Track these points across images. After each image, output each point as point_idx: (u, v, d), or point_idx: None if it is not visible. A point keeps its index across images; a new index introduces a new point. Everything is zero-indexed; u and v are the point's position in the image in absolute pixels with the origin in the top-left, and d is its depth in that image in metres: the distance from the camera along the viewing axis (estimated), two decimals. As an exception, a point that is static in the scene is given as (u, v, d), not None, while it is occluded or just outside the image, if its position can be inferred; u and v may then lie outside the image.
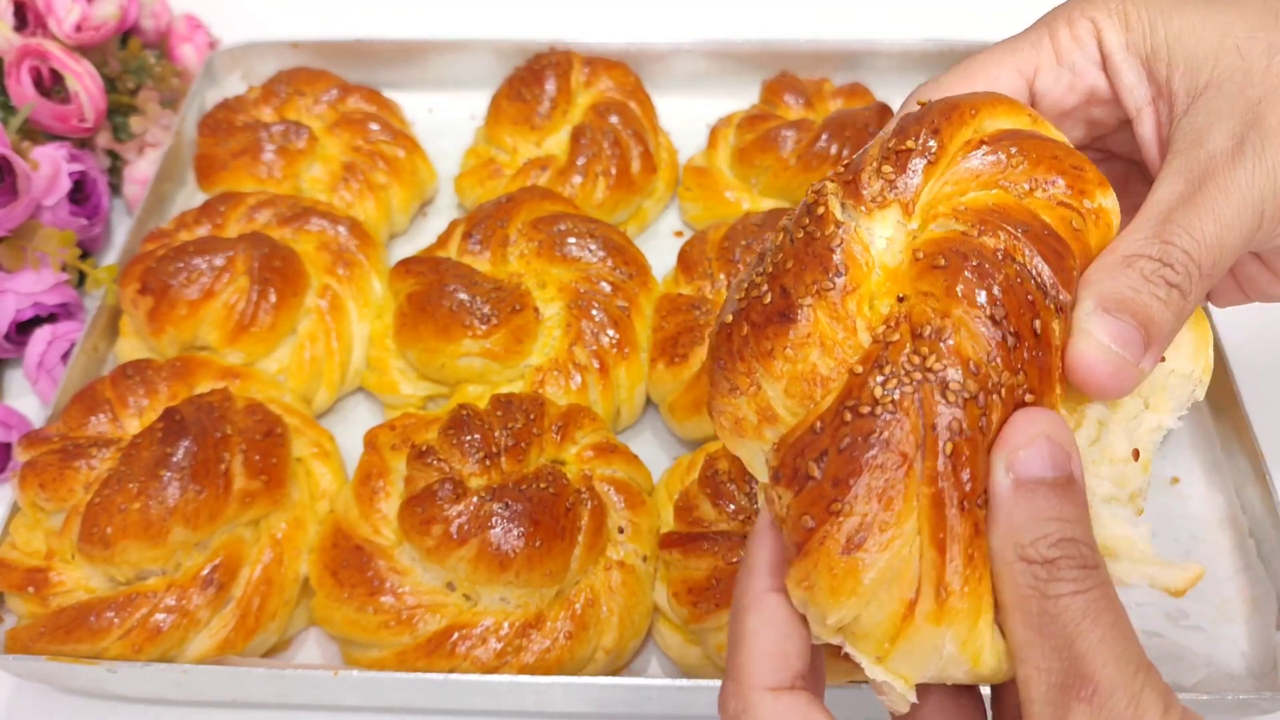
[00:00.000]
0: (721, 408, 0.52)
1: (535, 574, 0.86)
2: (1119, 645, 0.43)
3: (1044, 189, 0.51)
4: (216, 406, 0.94)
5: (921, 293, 0.48)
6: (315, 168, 1.23)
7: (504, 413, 0.93)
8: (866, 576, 0.46)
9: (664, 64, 1.37)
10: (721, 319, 0.53)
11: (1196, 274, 0.50)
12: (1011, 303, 0.47)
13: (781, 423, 0.50)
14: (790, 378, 0.49)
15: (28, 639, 0.86)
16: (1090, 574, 0.45)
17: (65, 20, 1.22)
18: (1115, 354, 0.48)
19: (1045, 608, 0.44)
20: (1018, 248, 0.49)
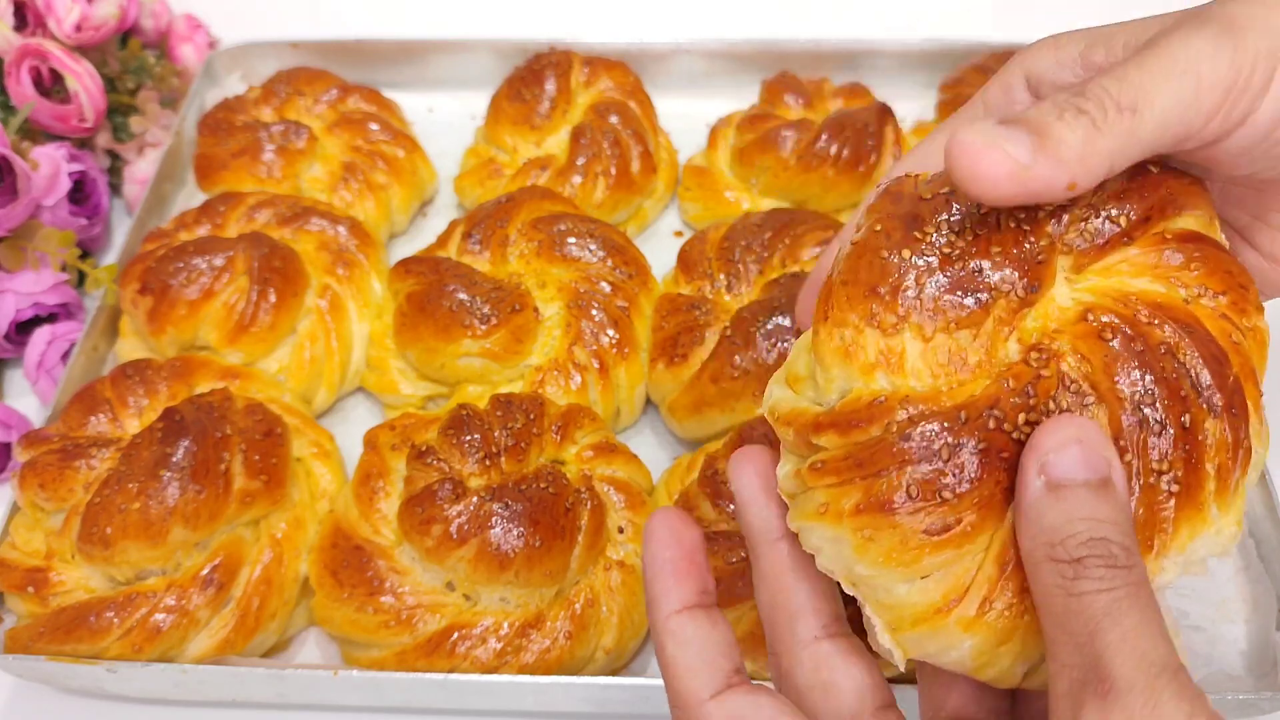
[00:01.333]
0: (842, 320, 0.50)
1: (535, 574, 0.86)
2: (1142, 645, 0.42)
3: (1210, 298, 0.52)
4: (216, 406, 0.94)
5: (1079, 354, 0.49)
6: (315, 168, 1.23)
7: (504, 413, 0.93)
8: (930, 561, 0.47)
9: (664, 64, 1.37)
10: (891, 241, 0.51)
11: (1112, 106, 0.48)
12: (1164, 392, 0.49)
13: (900, 375, 0.49)
14: (938, 347, 0.49)
15: (27, 639, 0.86)
16: (1120, 573, 0.44)
17: (65, 20, 1.22)
18: (997, 146, 0.46)
19: (1069, 605, 0.44)
20: (1181, 347, 0.50)
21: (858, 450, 0.48)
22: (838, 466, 0.48)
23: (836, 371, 0.50)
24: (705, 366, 0.99)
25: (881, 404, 0.48)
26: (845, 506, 0.48)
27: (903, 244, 0.50)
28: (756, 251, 1.06)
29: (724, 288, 1.06)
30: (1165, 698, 0.41)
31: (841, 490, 0.48)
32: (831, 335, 0.50)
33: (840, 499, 0.48)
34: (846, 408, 0.49)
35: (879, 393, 0.48)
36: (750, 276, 1.05)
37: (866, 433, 0.48)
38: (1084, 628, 0.43)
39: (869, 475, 0.47)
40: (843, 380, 0.50)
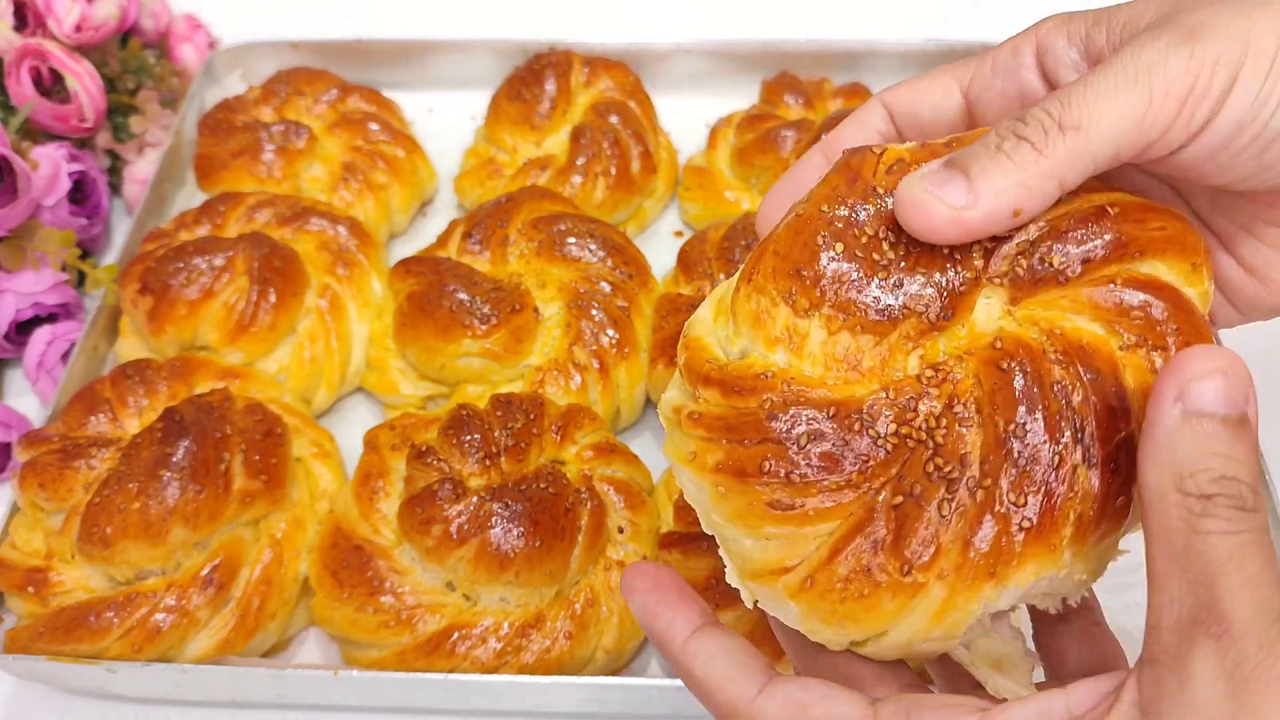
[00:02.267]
0: (762, 288, 0.52)
1: (535, 574, 0.86)
2: (1263, 591, 0.42)
3: (1149, 352, 0.51)
4: (216, 406, 0.94)
5: (976, 377, 0.50)
6: (315, 167, 1.23)
7: (504, 413, 0.93)
8: (772, 530, 0.50)
9: (664, 64, 1.37)
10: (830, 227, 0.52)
11: (1054, 128, 0.48)
12: (1040, 432, 0.49)
13: (796, 358, 0.51)
14: (840, 342, 0.51)
15: (27, 639, 0.86)
16: (1247, 517, 0.43)
17: (65, 20, 1.22)
18: (931, 196, 0.49)
19: (1192, 542, 0.43)
20: (1078, 391, 0.50)
21: (731, 414, 0.50)
22: (710, 423, 0.51)
23: (745, 330, 0.52)
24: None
25: (766, 379, 0.50)
26: (708, 461, 0.50)
27: (839, 236, 0.52)
28: (756, 251, 1.06)
29: (724, 288, 1.06)
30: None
31: (708, 445, 0.51)
32: (749, 298, 0.53)
33: (706, 453, 0.51)
34: (735, 371, 0.51)
35: (769, 366, 0.51)
36: (750, 276, 1.05)
37: (744, 401, 0.50)
38: (1204, 568, 0.42)
39: (733, 441, 0.50)
40: (748, 340, 0.52)
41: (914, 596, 0.49)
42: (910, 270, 0.52)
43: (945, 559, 0.48)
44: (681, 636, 0.53)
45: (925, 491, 0.48)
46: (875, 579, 0.48)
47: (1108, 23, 0.56)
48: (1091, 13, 0.58)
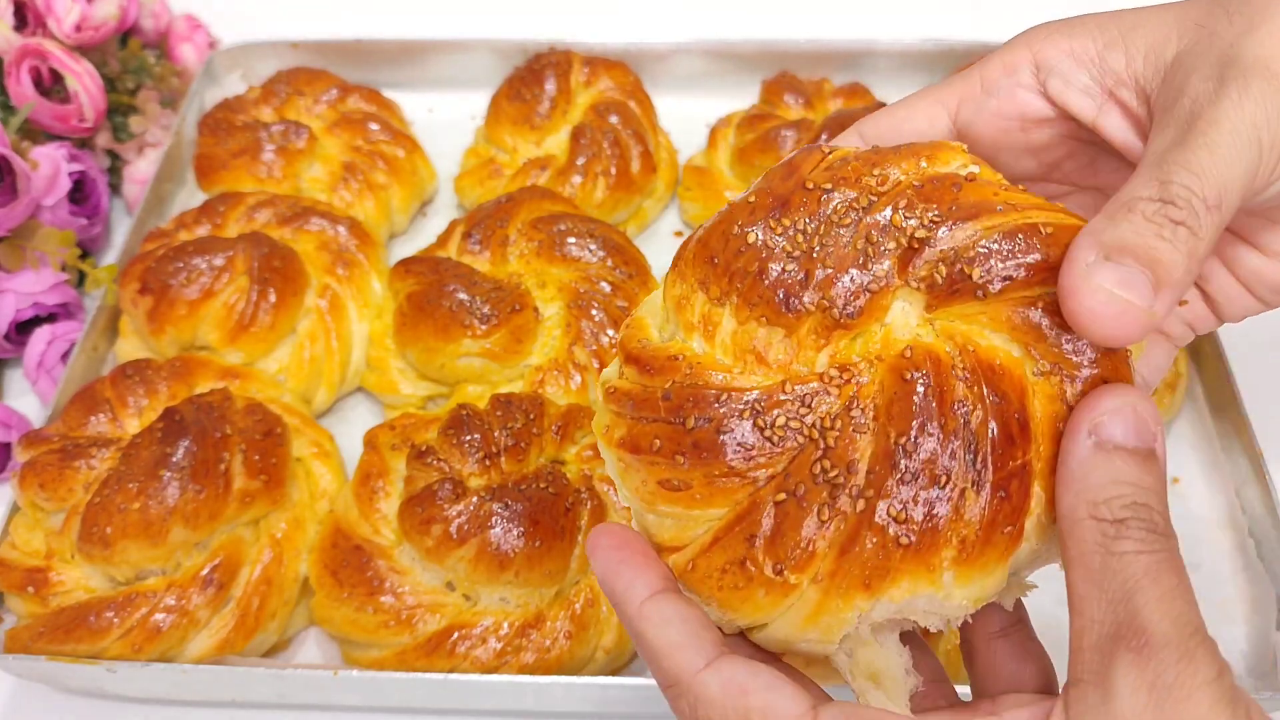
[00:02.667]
0: (685, 275, 0.53)
1: (535, 574, 0.86)
2: (1178, 606, 0.43)
3: (1062, 380, 0.50)
4: (216, 406, 0.94)
5: (881, 384, 0.50)
6: (315, 167, 1.23)
7: (504, 413, 0.93)
8: (664, 508, 0.51)
9: (664, 64, 1.37)
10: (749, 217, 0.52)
11: (1202, 208, 0.48)
12: (931, 449, 0.48)
13: (710, 345, 0.52)
14: (750, 334, 0.51)
15: (27, 639, 0.86)
16: (1159, 539, 0.44)
17: (65, 20, 1.22)
18: (1120, 298, 0.46)
19: (1109, 563, 0.44)
20: (977, 413, 0.49)
21: (638, 391, 0.52)
22: (620, 398, 0.52)
23: (672, 316, 0.53)
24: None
25: (675, 361, 0.51)
26: (614, 435, 0.52)
27: (759, 224, 0.52)
28: (756, 251, 1.06)
29: (724, 288, 1.06)
30: (1199, 655, 0.42)
31: (617, 420, 0.52)
32: (674, 284, 0.54)
33: (615, 427, 0.52)
34: (652, 350, 0.53)
35: (683, 350, 0.52)
36: (750, 276, 1.05)
37: (652, 380, 0.51)
38: (1122, 585, 0.43)
39: (635, 417, 0.51)
40: (673, 326, 0.53)
41: (786, 596, 0.49)
42: (822, 263, 0.51)
43: (820, 563, 0.48)
44: (639, 599, 0.52)
45: (808, 493, 0.48)
46: (748, 572, 0.49)
47: (1125, 48, 0.55)
48: (1090, 28, 0.56)
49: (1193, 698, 0.41)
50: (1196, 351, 1.08)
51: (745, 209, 0.53)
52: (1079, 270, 0.47)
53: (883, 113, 0.62)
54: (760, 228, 0.52)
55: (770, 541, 0.48)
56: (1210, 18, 0.53)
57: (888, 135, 0.60)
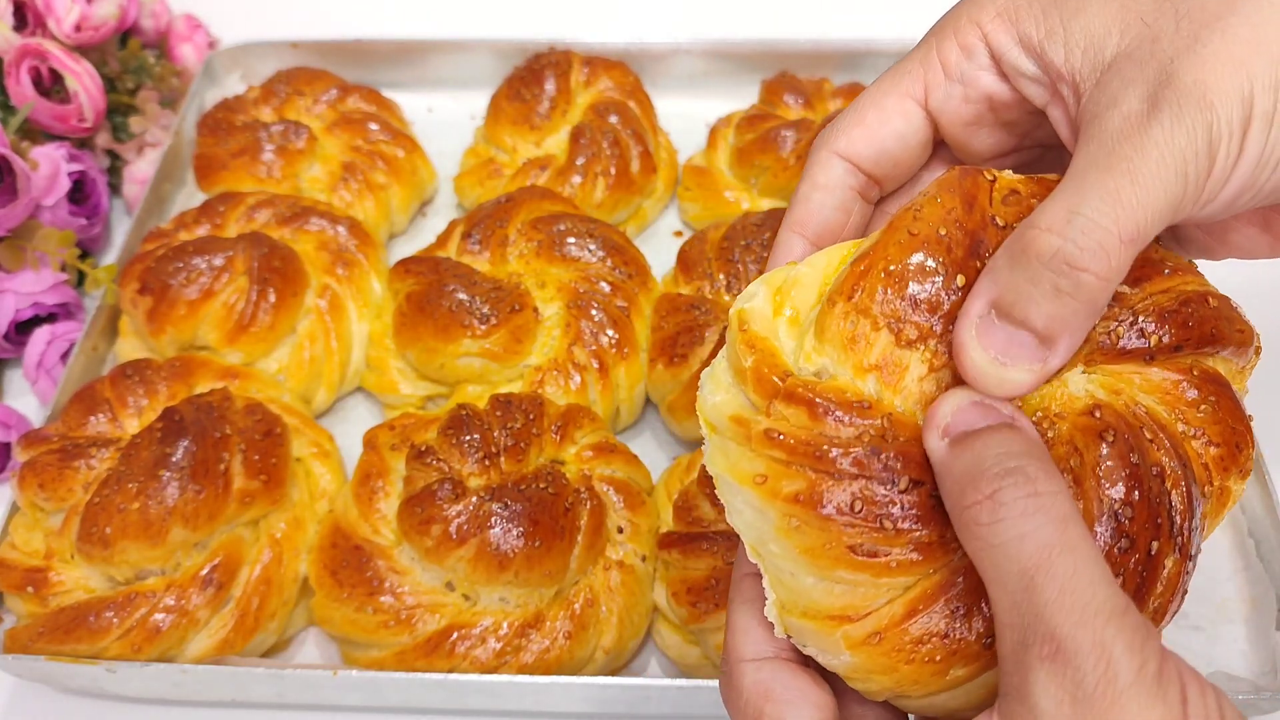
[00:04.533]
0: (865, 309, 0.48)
1: (534, 574, 0.86)
2: (1083, 594, 0.40)
3: (1202, 444, 0.50)
4: (216, 406, 0.94)
5: (1074, 446, 0.47)
6: (315, 167, 1.23)
7: (503, 413, 0.93)
8: (844, 574, 0.46)
9: (664, 64, 1.37)
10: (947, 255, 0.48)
11: (1114, 244, 0.45)
12: (1141, 514, 0.47)
13: (890, 391, 0.48)
14: (938, 380, 0.48)
15: (27, 639, 0.86)
16: (1041, 503, 0.41)
17: (65, 20, 1.22)
18: (1003, 366, 0.46)
19: (995, 559, 0.42)
20: (1174, 478, 0.48)
21: (820, 441, 0.46)
22: (793, 447, 0.46)
23: (831, 351, 0.48)
24: (705, 366, 0.99)
25: (865, 408, 0.46)
26: (784, 489, 0.46)
27: (959, 267, 0.48)
28: (756, 251, 1.06)
29: (724, 288, 1.06)
30: (1116, 652, 0.39)
31: (786, 470, 0.46)
32: (847, 318, 0.48)
33: (781, 478, 0.46)
34: (830, 390, 0.47)
35: (863, 395, 0.47)
36: (750, 276, 1.05)
37: (838, 429, 0.46)
38: (1017, 582, 0.41)
39: (821, 471, 0.45)
40: (831, 361, 0.48)
41: (989, 668, 0.46)
42: None
43: None
44: (745, 570, 0.52)
45: None
46: (951, 646, 0.46)
47: (1064, 38, 0.52)
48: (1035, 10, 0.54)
49: (1118, 703, 0.39)
50: (1196, 351, 1.08)
51: (940, 245, 0.48)
52: (968, 326, 0.47)
53: (852, 123, 0.59)
54: (966, 272, 0.48)
55: (976, 611, 0.46)
56: (1157, 17, 0.50)
57: (869, 148, 0.58)
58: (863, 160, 0.58)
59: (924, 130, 0.59)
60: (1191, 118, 0.46)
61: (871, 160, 0.58)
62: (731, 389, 0.49)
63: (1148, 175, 0.46)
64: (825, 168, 0.58)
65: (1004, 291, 0.46)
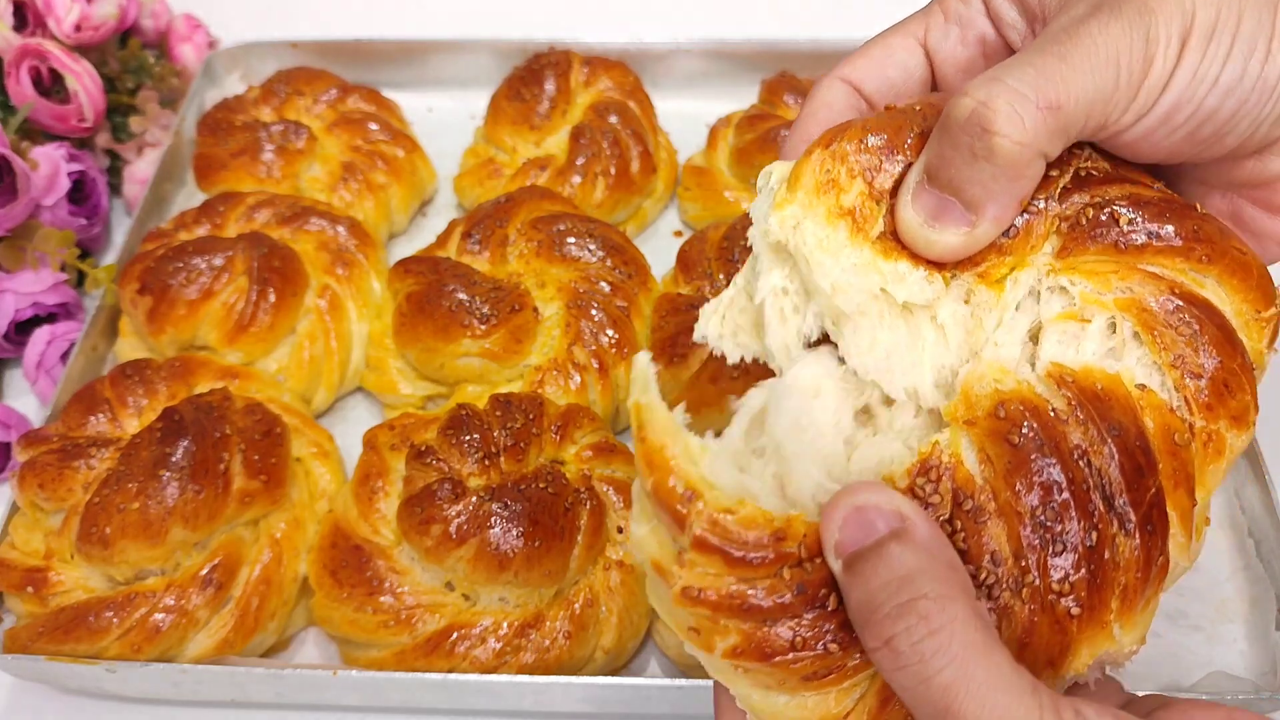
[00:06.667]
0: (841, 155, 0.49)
1: (534, 574, 0.86)
2: (998, 703, 0.40)
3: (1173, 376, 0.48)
4: (215, 406, 0.94)
5: (984, 454, 0.47)
6: (314, 167, 1.23)
7: (503, 413, 0.93)
8: (808, 694, 0.45)
9: (664, 64, 1.37)
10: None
11: (1031, 110, 0.47)
12: (1069, 509, 0.45)
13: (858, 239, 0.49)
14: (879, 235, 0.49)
15: (27, 639, 0.86)
16: (935, 644, 0.41)
17: (65, 20, 1.22)
18: (933, 229, 0.49)
19: (911, 700, 0.42)
20: (1099, 453, 0.46)
21: (742, 592, 0.43)
22: (716, 604, 0.43)
23: (802, 197, 0.48)
24: (704, 366, 0.99)
25: (780, 539, 0.44)
26: (719, 645, 0.44)
27: (924, 134, 0.50)
28: (756, 251, 1.05)
29: (723, 288, 1.05)
30: None
31: (716, 626, 0.44)
32: (822, 163, 0.49)
33: (714, 634, 0.44)
34: (737, 534, 0.43)
35: (782, 524, 0.44)
36: (750, 276, 1.05)
37: (756, 571, 0.43)
38: (936, 709, 0.41)
39: (754, 622, 0.44)
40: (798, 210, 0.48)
41: None
42: None
43: None
44: None
45: None
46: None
47: None
48: None
49: None
50: (1196, 351, 1.08)
51: (915, 117, 0.50)
52: (904, 191, 0.49)
53: (860, 54, 0.61)
54: None
55: None
56: None
57: (874, 75, 0.61)
58: (865, 85, 0.60)
59: (924, 68, 0.61)
60: (1130, 18, 0.48)
61: (874, 86, 0.61)
62: (647, 517, 0.46)
63: (1078, 57, 0.48)
64: (830, 88, 0.60)
65: (932, 157, 0.49)
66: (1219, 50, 0.49)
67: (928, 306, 0.49)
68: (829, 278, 0.47)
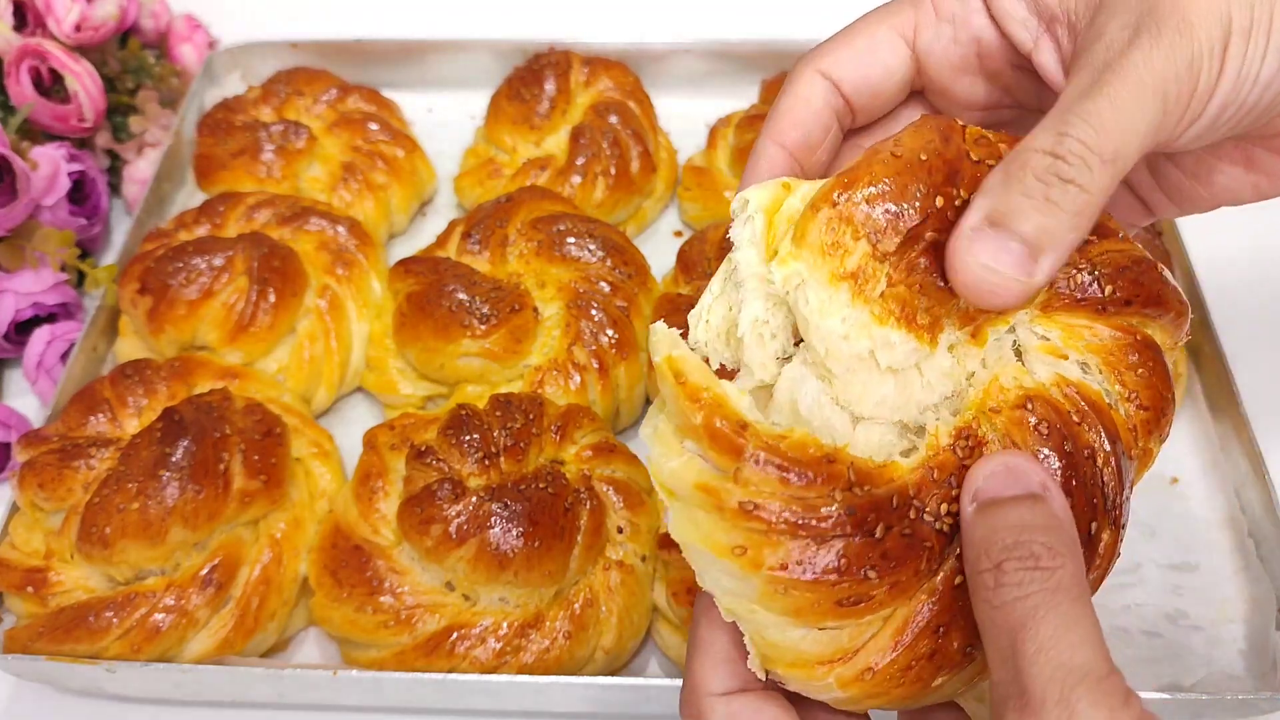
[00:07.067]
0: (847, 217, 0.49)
1: (534, 574, 0.86)
2: (1060, 654, 0.42)
3: (1132, 407, 0.53)
4: (215, 406, 0.94)
5: (1011, 440, 0.50)
6: (314, 167, 1.23)
7: (503, 413, 0.93)
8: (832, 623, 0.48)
9: (664, 64, 1.37)
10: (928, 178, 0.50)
11: (1096, 163, 0.48)
12: (1079, 500, 0.49)
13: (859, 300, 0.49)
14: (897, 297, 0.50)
15: (27, 639, 0.86)
16: (1036, 576, 0.44)
17: (65, 20, 1.22)
18: (993, 272, 0.49)
19: (992, 618, 0.44)
20: (1104, 454, 0.51)
21: (798, 507, 0.46)
22: (771, 518, 0.45)
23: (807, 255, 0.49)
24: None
25: (830, 462, 0.46)
26: (768, 559, 0.46)
27: (937, 190, 0.50)
28: (756, 251, 1.05)
29: (723, 288, 1.06)
30: (1081, 708, 0.41)
31: (767, 540, 0.46)
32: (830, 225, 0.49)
33: (763, 548, 0.46)
34: (791, 452, 0.46)
35: (826, 449, 0.47)
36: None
37: (808, 490, 0.46)
38: (1006, 640, 0.43)
39: (803, 538, 0.46)
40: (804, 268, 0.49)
41: (975, 674, 0.50)
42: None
43: None
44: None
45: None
46: (937, 663, 0.48)
47: None
48: None
49: None
50: (1196, 351, 1.08)
51: (922, 169, 0.50)
52: (962, 236, 0.49)
53: (841, 45, 0.60)
54: (943, 194, 0.50)
55: (958, 626, 0.48)
56: None
57: (853, 72, 0.59)
58: (844, 83, 0.59)
59: (907, 69, 0.60)
60: (1170, 40, 0.49)
61: (853, 85, 0.59)
62: (686, 450, 0.48)
63: (1126, 98, 0.49)
64: (809, 83, 0.59)
65: (998, 204, 0.49)
66: (1257, 49, 0.50)
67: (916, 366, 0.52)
68: (825, 343, 0.49)
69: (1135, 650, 0.91)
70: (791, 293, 0.49)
